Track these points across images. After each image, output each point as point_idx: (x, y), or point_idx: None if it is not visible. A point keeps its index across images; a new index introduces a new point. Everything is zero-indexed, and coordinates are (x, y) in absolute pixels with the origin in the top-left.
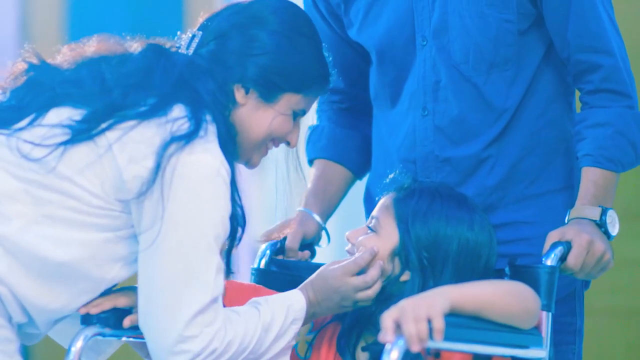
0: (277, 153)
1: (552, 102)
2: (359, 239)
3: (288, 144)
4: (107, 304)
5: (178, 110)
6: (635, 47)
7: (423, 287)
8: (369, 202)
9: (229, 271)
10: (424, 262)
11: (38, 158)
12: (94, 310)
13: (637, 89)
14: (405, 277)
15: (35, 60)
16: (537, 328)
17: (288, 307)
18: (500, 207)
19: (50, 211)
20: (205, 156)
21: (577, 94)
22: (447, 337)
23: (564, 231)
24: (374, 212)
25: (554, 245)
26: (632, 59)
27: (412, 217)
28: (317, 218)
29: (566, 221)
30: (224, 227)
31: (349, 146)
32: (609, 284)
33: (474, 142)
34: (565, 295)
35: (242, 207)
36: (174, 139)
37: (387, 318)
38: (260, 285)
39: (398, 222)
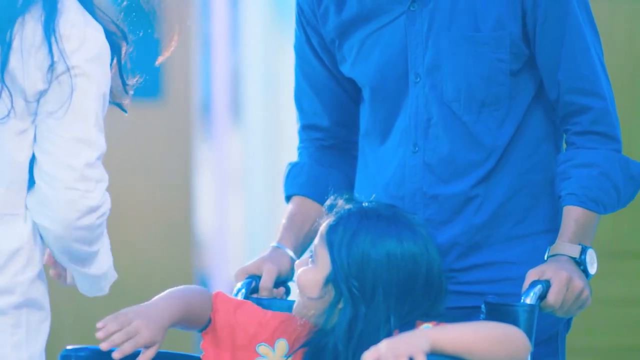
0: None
1: (541, 143)
2: (297, 272)
3: None
4: (128, 346)
5: None
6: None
7: (356, 315)
8: None
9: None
10: (353, 290)
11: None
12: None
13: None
14: (342, 305)
15: None
16: None
17: None
18: (486, 247)
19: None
20: (80, 31)
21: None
22: None
23: (543, 270)
24: (315, 240)
25: (533, 284)
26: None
27: (338, 244)
28: (292, 254)
29: (546, 258)
30: (109, 80)
31: (329, 185)
32: (587, 323)
33: (463, 180)
34: (549, 336)
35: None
36: (46, 31)
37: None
38: (247, 300)
39: (329, 250)
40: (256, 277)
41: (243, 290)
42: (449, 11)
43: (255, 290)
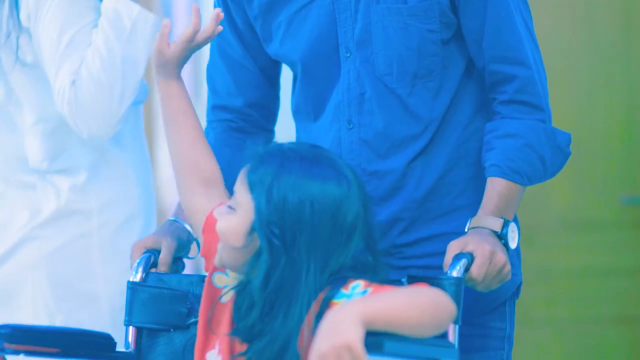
0: None
1: (477, 112)
2: (218, 220)
3: None
4: None
5: None
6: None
7: (274, 264)
8: None
9: None
10: (272, 239)
11: None
12: None
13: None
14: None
15: None
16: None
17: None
18: (430, 220)
19: None
20: None
21: None
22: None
23: (465, 241)
24: (235, 186)
25: (458, 257)
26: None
27: (258, 189)
28: (189, 228)
29: (466, 229)
30: None
31: (233, 168)
32: (546, 294)
33: (401, 154)
34: (497, 304)
35: None
36: None
37: None
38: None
39: (252, 195)
40: (154, 252)
41: (143, 264)
42: None
43: (154, 265)
